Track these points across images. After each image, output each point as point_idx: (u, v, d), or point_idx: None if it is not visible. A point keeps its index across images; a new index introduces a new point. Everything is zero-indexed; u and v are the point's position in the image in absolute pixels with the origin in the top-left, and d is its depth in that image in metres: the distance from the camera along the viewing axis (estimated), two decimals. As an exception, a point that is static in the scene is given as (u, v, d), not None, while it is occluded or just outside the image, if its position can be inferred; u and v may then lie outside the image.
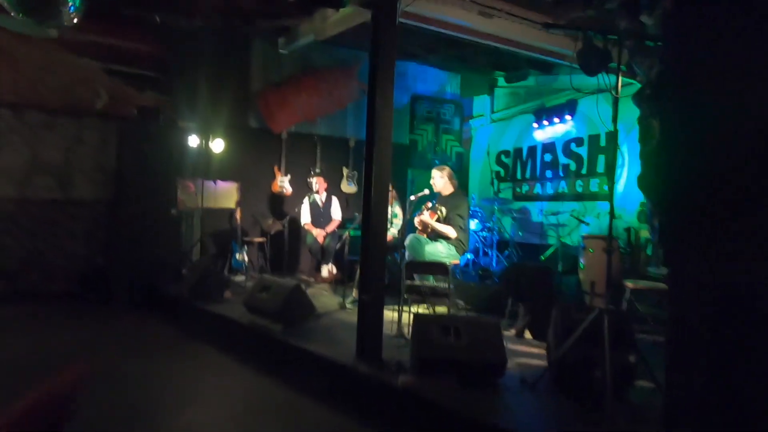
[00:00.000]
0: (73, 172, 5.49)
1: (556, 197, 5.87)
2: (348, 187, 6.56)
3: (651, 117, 1.47)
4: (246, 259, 5.94)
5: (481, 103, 7.64)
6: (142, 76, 5.56)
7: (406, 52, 6.67)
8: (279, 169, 6.34)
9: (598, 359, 2.22)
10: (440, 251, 3.79)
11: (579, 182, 5.61)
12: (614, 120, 2.05)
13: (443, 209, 3.89)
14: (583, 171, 5.55)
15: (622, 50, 1.89)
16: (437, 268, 3.16)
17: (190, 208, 5.86)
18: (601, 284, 2.63)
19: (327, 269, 5.12)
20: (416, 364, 2.54)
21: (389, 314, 3.27)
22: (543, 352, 2.94)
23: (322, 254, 5.08)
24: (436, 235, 3.90)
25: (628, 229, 4.19)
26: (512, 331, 3.56)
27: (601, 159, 5.26)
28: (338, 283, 4.95)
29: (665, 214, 1.59)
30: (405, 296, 3.15)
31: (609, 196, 2.29)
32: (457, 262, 3.90)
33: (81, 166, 5.52)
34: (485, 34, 3.85)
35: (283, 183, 6.30)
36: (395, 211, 4.58)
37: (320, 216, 5.32)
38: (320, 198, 5.45)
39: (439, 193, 4.03)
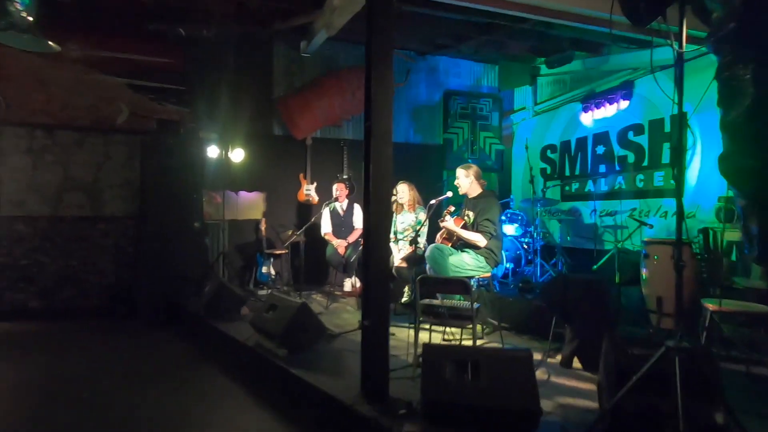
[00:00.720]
0: (102, 189, 5.53)
1: (612, 195, 5.09)
2: (378, 192, 6.16)
3: (738, 65, 0.95)
4: (272, 272, 5.70)
5: (522, 95, 6.97)
6: (164, 89, 5.51)
7: (435, 44, 6.20)
8: (305, 177, 6.07)
9: (668, 413, 1.62)
10: (467, 263, 3.25)
11: (639, 176, 4.81)
12: (679, 84, 1.46)
13: (470, 214, 3.35)
14: (644, 163, 4.75)
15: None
16: (455, 285, 2.64)
17: (216, 221, 5.75)
18: (670, 302, 1.98)
19: (350, 283, 4.72)
20: (426, 407, 2.04)
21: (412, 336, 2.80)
22: (594, 387, 2.33)
23: (344, 267, 4.68)
24: (463, 244, 3.37)
25: (704, 231, 3.41)
26: (557, 358, 2.95)
27: (667, 147, 4.45)
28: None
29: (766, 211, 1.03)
30: (421, 318, 2.66)
31: (676, 190, 1.69)
32: (488, 275, 3.34)
33: (110, 182, 5.55)
34: (507, 2, 3.28)
35: (310, 191, 6.02)
36: (419, 217, 4.08)
37: (341, 225, 4.94)
38: (341, 206, 5.08)
39: (465, 196, 3.49)
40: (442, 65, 6.77)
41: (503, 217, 4.80)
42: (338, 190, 5.01)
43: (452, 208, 3.30)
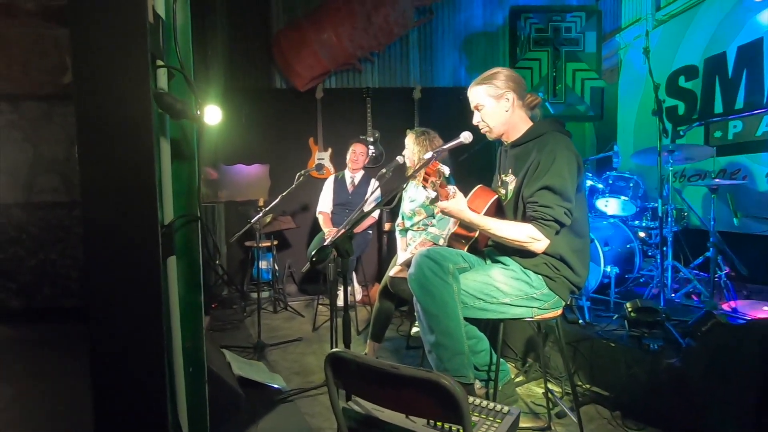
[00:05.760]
0: (76, 168, 4.62)
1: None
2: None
3: None
4: (276, 267, 4.38)
5: (634, 1, 4.62)
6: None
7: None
8: (315, 143, 4.58)
9: None
10: (502, 291, 1.44)
11: None
12: None
13: (509, 179, 1.54)
14: None
15: None
16: (413, 389, 0.84)
17: (211, 203, 4.59)
18: None
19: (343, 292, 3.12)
20: None
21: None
22: None
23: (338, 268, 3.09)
24: (496, 248, 1.58)
25: None
26: None
27: None
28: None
29: None
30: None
31: None
32: (554, 314, 1.51)
33: (84, 161, 4.62)
34: None
35: (322, 160, 4.53)
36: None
37: (347, 204, 3.32)
38: (352, 177, 3.45)
39: (498, 142, 1.65)
40: (506, -29, 4.73)
41: (600, 185, 2.79)
42: (353, 153, 3.38)
43: (443, 168, 1.42)
